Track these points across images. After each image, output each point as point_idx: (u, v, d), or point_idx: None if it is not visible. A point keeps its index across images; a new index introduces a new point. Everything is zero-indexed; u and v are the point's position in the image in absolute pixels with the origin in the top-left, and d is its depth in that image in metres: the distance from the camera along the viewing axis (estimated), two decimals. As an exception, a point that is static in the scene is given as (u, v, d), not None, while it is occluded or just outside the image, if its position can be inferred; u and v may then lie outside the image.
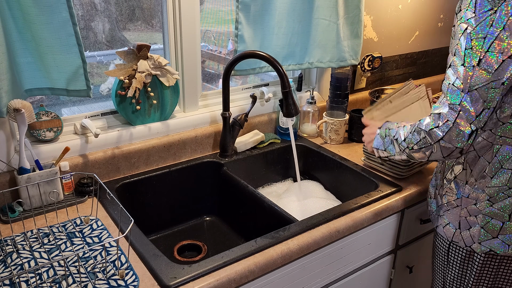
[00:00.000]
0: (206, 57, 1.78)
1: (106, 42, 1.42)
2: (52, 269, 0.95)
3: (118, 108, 1.33)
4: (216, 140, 1.52)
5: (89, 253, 1.01)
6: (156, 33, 1.47)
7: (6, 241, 1.04)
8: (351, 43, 1.66)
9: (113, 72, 1.29)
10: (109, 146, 1.33)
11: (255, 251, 1.02)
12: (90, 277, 0.93)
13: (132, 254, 1.01)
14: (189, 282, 0.92)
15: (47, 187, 1.17)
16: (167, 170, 1.40)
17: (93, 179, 1.25)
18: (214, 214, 1.52)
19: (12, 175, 1.17)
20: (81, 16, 1.31)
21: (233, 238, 1.42)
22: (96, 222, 1.12)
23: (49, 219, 1.14)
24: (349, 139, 1.69)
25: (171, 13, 1.36)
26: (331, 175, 1.55)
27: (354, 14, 1.61)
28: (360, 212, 1.21)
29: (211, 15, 1.64)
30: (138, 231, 1.08)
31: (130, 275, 0.93)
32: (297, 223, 1.13)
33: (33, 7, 1.06)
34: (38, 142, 1.24)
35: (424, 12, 2.02)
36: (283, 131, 1.65)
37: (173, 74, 1.38)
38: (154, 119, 1.41)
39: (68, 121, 1.32)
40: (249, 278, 0.99)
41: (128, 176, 1.34)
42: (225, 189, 1.45)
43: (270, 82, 1.74)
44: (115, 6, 1.37)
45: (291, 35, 1.53)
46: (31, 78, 1.15)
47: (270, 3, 1.43)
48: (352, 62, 1.69)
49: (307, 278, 1.15)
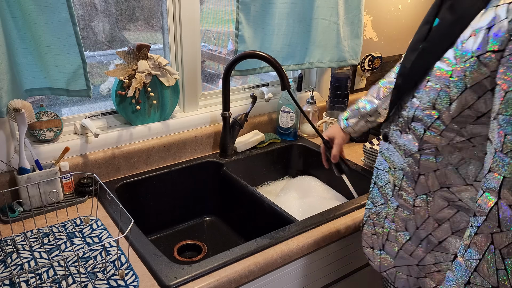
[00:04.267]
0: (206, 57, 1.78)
1: (106, 42, 1.42)
2: (52, 269, 0.95)
3: (118, 108, 1.33)
4: (216, 140, 1.52)
5: (89, 253, 1.01)
6: (156, 33, 1.47)
7: (6, 241, 1.04)
8: (351, 43, 1.66)
9: (113, 72, 1.29)
10: (109, 146, 1.33)
11: (255, 251, 1.02)
12: (90, 277, 0.93)
13: (132, 254, 1.01)
14: (189, 282, 0.92)
15: (47, 187, 1.17)
16: (167, 170, 1.40)
17: (93, 179, 1.25)
18: (214, 214, 1.52)
19: (12, 175, 1.17)
20: (81, 16, 1.31)
21: (233, 238, 1.42)
22: (96, 222, 1.12)
23: (49, 219, 1.14)
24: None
25: (171, 13, 1.36)
26: (331, 175, 1.55)
27: (354, 14, 1.61)
28: (360, 212, 1.21)
29: (211, 15, 1.65)
30: (138, 231, 1.08)
31: (130, 275, 0.93)
32: (297, 223, 1.13)
33: (33, 7, 1.05)
34: (38, 142, 1.24)
35: (424, 12, 2.01)
36: (283, 131, 1.65)
37: (173, 74, 1.38)
38: (154, 119, 1.41)
39: (68, 121, 1.32)
40: (249, 278, 0.99)
41: (128, 176, 1.34)
42: (225, 189, 1.45)
43: (270, 82, 1.74)
44: (115, 6, 1.37)
45: (291, 35, 1.53)
46: (31, 78, 1.15)
47: (270, 3, 1.43)
48: (352, 62, 1.69)
49: (307, 278, 1.15)
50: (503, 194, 0.68)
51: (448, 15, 0.79)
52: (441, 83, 0.77)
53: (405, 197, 0.90)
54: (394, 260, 0.96)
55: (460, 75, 0.74)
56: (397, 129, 0.89)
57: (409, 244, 0.92)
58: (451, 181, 0.83)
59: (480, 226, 0.71)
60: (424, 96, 0.80)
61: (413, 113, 0.83)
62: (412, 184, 0.88)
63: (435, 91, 0.78)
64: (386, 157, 0.94)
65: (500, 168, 0.68)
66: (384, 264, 0.99)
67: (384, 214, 0.96)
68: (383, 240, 0.98)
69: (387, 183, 0.95)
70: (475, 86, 0.73)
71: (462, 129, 0.78)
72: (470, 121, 0.76)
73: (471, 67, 0.72)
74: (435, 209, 0.86)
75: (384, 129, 0.94)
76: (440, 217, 0.86)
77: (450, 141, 0.80)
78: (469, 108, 0.75)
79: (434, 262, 0.90)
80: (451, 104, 0.76)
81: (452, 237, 0.86)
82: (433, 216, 0.87)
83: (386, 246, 0.97)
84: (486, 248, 0.70)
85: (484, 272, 0.70)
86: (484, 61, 0.70)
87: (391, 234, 0.95)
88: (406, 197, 0.89)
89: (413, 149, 0.85)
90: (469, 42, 0.73)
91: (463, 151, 0.80)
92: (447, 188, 0.84)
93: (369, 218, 1.01)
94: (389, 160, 0.93)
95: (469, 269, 0.72)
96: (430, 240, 0.89)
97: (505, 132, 0.67)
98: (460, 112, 0.76)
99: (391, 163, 0.92)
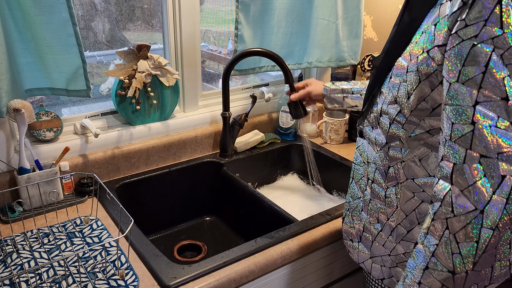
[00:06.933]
0: (206, 57, 1.78)
1: (106, 42, 1.42)
2: (52, 269, 0.95)
3: (118, 108, 1.33)
4: (216, 140, 1.52)
5: (89, 253, 1.01)
6: (156, 33, 1.47)
7: (6, 241, 1.04)
8: (351, 43, 1.66)
9: (113, 72, 1.29)
10: (109, 146, 1.33)
11: (255, 251, 1.02)
12: (90, 277, 0.93)
13: (132, 254, 1.01)
14: (189, 282, 0.92)
15: (47, 187, 1.17)
16: (167, 170, 1.40)
17: (93, 179, 1.25)
18: (214, 214, 1.52)
19: (12, 175, 1.17)
20: (81, 16, 1.31)
21: (233, 238, 1.42)
22: (96, 222, 1.12)
23: (49, 219, 1.14)
24: (349, 139, 1.69)
25: (171, 13, 1.36)
26: (331, 175, 1.55)
27: (354, 14, 1.62)
28: (360, 212, 1.21)
29: (211, 15, 1.64)
30: (138, 231, 1.08)
31: (130, 275, 0.93)
32: (297, 223, 1.13)
33: (33, 7, 1.05)
34: (38, 142, 1.24)
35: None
36: (283, 131, 1.65)
37: (173, 74, 1.38)
38: (154, 119, 1.41)
39: (68, 121, 1.32)
40: (249, 278, 0.99)
41: (128, 176, 1.34)
42: (225, 189, 1.45)
43: (270, 82, 1.74)
44: (115, 6, 1.37)
45: (290, 35, 1.54)
46: (31, 78, 1.15)
47: (269, 3, 1.43)
48: (351, 62, 1.69)
49: (307, 278, 1.16)
50: (454, 180, 0.71)
51: (407, 17, 0.85)
52: (399, 78, 0.83)
53: (377, 190, 0.94)
54: (369, 251, 1.00)
55: (414, 69, 0.79)
56: (369, 125, 0.94)
57: (381, 235, 0.96)
58: (416, 173, 0.87)
59: (436, 212, 0.74)
60: (388, 91, 0.86)
61: (380, 108, 0.89)
62: (383, 177, 0.92)
63: (396, 86, 0.83)
64: (361, 152, 0.99)
65: (450, 156, 0.72)
66: (362, 255, 1.02)
67: (360, 207, 1.00)
68: (360, 232, 1.01)
69: (362, 177, 0.99)
70: (427, 80, 0.78)
71: (421, 122, 0.82)
72: (427, 113, 0.81)
73: (422, 61, 0.77)
74: (402, 200, 0.90)
75: (359, 126, 0.99)
76: (407, 208, 0.90)
77: (411, 133, 0.85)
78: (425, 101, 0.80)
79: (404, 252, 0.93)
80: (409, 97, 0.81)
81: (419, 227, 0.90)
82: (401, 207, 0.90)
83: (363, 238, 1.01)
84: (442, 233, 0.73)
85: (441, 257, 0.73)
86: (432, 55, 0.75)
87: (366, 226, 0.99)
88: (378, 189, 0.94)
89: (382, 142, 0.90)
90: (421, 39, 0.78)
91: (424, 143, 0.85)
92: (412, 179, 0.88)
93: (348, 211, 1.05)
94: (363, 155, 0.98)
95: (428, 254, 0.75)
96: (399, 230, 0.92)
97: (452, 121, 0.71)
98: (417, 105, 0.81)
99: (365, 158, 0.97)
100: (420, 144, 0.85)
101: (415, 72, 0.79)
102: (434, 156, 0.85)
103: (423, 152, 0.85)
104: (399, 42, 0.84)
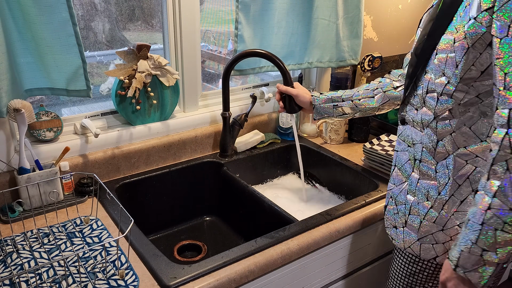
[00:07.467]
0: (206, 57, 1.78)
1: (106, 42, 1.42)
2: (52, 269, 0.95)
3: (118, 108, 1.33)
4: (216, 140, 1.52)
5: (89, 253, 1.01)
6: (156, 33, 1.47)
7: (6, 241, 1.04)
8: (351, 43, 1.66)
9: (113, 72, 1.29)
10: (109, 146, 1.33)
11: (255, 251, 1.02)
12: (90, 277, 0.93)
13: (132, 254, 1.01)
14: (189, 282, 0.92)
15: (47, 187, 1.17)
16: (167, 170, 1.40)
17: (93, 179, 1.25)
18: (214, 214, 1.52)
19: (12, 175, 1.17)
20: (81, 16, 1.31)
21: (233, 238, 1.42)
22: (96, 222, 1.12)
23: (49, 219, 1.14)
24: (349, 139, 1.69)
25: (171, 13, 1.36)
26: (331, 175, 1.55)
27: (354, 14, 1.61)
28: (360, 212, 1.21)
29: (211, 15, 1.64)
30: (138, 231, 1.08)
31: (130, 275, 0.93)
32: (297, 223, 1.13)
33: (33, 7, 1.05)
34: (38, 142, 1.24)
35: (424, 12, 2.02)
36: (283, 131, 1.65)
37: (173, 74, 1.38)
38: (154, 119, 1.41)
39: (68, 121, 1.32)
40: (249, 278, 0.99)
41: (128, 176, 1.34)
42: (225, 189, 1.45)
43: (270, 82, 1.74)
44: (115, 6, 1.37)
45: (290, 35, 1.54)
46: (31, 78, 1.15)
47: (269, 3, 1.43)
48: (351, 62, 1.69)
49: (307, 278, 1.16)
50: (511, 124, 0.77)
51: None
52: (445, 53, 0.88)
53: (425, 169, 0.98)
54: (417, 234, 1.02)
55: (461, 38, 0.85)
56: (413, 108, 0.99)
57: (431, 212, 0.98)
58: (467, 140, 0.91)
59: (495, 156, 0.78)
60: (434, 68, 0.91)
61: (426, 87, 0.94)
62: (432, 153, 0.96)
63: (443, 61, 0.89)
64: (404, 138, 1.03)
65: (506, 103, 0.77)
66: (408, 240, 1.04)
67: (405, 190, 1.03)
68: (406, 216, 1.04)
69: (406, 162, 1.03)
70: (476, 44, 0.83)
71: (470, 88, 0.87)
72: (475, 79, 0.86)
73: (469, 28, 0.83)
74: (455, 171, 0.94)
75: (400, 113, 1.04)
76: (460, 177, 0.94)
77: (460, 101, 0.89)
78: (473, 65, 0.85)
79: (459, 223, 0.96)
80: (457, 66, 0.86)
81: (472, 194, 0.94)
82: (453, 178, 0.94)
83: (408, 222, 1.04)
84: (503, 174, 0.77)
85: (503, 198, 0.78)
86: (479, 20, 0.81)
87: (412, 208, 1.02)
88: (427, 167, 0.97)
89: (429, 119, 0.94)
90: (465, 11, 0.85)
91: (473, 109, 0.89)
92: (464, 147, 0.92)
93: (391, 199, 1.08)
94: (407, 140, 1.02)
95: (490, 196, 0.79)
96: (452, 201, 0.95)
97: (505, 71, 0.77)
98: (466, 71, 0.86)
99: (409, 141, 1.01)
100: (469, 111, 0.89)
101: (462, 40, 0.84)
102: (484, 121, 0.89)
103: (472, 119, 0.90)
104: (443, 21, 0.90)
